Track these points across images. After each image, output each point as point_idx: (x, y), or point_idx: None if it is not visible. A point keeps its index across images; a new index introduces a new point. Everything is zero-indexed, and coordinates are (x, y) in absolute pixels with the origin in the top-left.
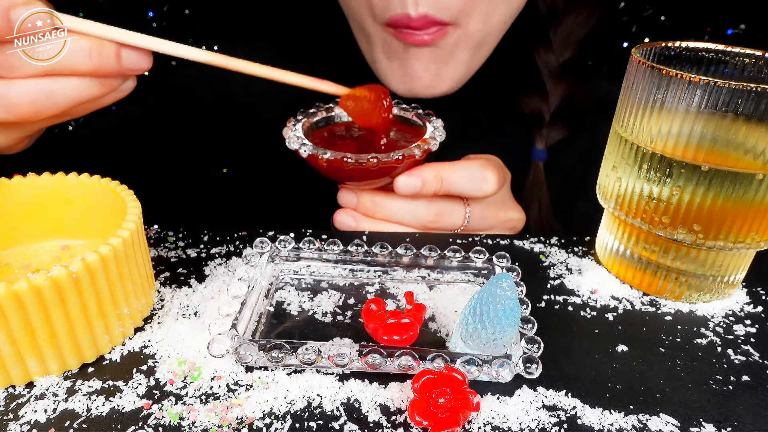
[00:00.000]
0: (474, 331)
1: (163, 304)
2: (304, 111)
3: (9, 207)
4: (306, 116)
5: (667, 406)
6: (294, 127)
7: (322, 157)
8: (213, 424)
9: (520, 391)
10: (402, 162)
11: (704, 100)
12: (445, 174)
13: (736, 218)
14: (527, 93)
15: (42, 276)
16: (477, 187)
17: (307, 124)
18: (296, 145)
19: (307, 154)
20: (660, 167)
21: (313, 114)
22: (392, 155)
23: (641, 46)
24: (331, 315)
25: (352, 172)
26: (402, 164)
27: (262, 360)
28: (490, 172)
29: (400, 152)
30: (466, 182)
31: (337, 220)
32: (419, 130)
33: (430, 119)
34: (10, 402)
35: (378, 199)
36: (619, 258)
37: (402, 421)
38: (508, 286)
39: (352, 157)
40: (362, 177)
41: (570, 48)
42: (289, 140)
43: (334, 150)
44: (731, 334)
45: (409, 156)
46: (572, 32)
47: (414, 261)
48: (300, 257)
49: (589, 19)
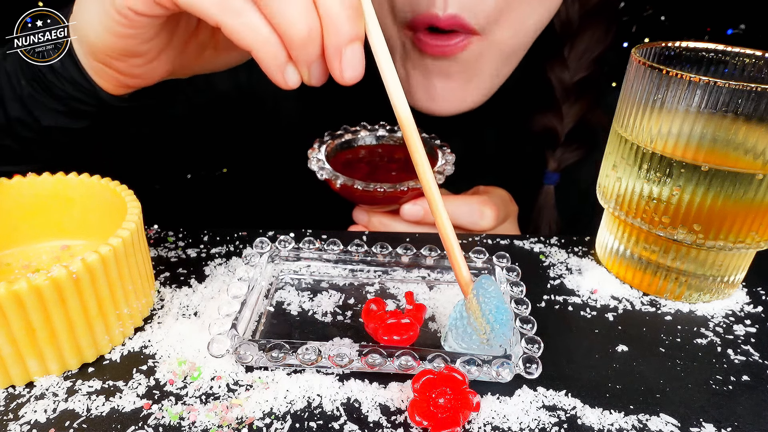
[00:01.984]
0: (465, 334)
1: (163, 304)
2: (331, 132)
3: (9, 207)
4: (332, 138)
5: (667, 406)
6: (318, 150)
7: (335, 182)
8: (213, 424)
9: (520, 391)
10: (407, 193)
11: (704, 100)
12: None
13: (736, 218)
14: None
15: (42, 276)
16: (474, 222)
17: (331, 146)
18: (315, 168)
19: (324, 178)
20: (660, 167)
21: (339, 136)
22: (398, 186)
23: (641, 46)
24: (331, 315)
25: (362, 197)
26: (407, 195)
27: (262, 360)
28: (489, 208)
29: (405, 184)
30: (464, 216)
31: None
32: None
33: (444, 151)
34: (10, 402)
35: (386, 221)
36: (619, 258)
37: (402, 421)
38: (492, 286)
39: (361, 184)
40: (371, 202)
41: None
42: (310, 162)
43: (350, 173)
44: (731, 334)
45: (413, 188)
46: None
47: (414, 261)
48: (300, 257)
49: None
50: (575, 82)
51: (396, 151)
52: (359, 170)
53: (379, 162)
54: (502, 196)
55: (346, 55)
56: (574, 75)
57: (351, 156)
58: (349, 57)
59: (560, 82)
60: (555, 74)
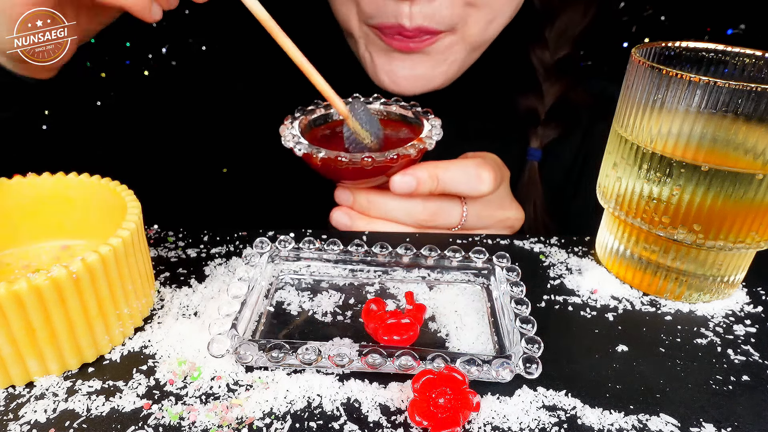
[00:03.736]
0: (356, 141)
1: (163, 304)
2: (302, 108)
3: (9, 207)
4: (304, 114)
5: (667, 406)
6: (291, 125)
7: (316, 156)
8: (213, 424)
9: (520, 391)
10: (397, 161)
11: (704, 100)
12: (441, 173)
13: (736, 218)
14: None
15: (42, 276)
16: (473, 186)
17: (304, 122)
18: (291, 144)
19: (302, 153)
20: (660, 167)
21: (311, 111)
22: (387, 154)
23: (641, 46)
24: (331, 315)
25: (347, 170)
26: (397, 163)
27: (262, 360)
28: (486, 171)
29: (395, 151)
30: (461, 182)
31: (333, 218)
32: (416, 129)
33: (428, 117)
34: (10, 402)
35: (373, 197)
36: (619, 258)
37: (402, 421)
38: (361, 108)
39: (346, 156)
40: (357, 176)
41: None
42: (284, 138)
43: (330, 149)
44: (731, 334)
45: (404, 155)
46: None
47: (414, 261)
48: (300, 257)
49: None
50: (555, 62)
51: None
52: (338, 145)
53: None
54: (495, 158)
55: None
56: (554, 54)
57: (328, 132)
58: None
59: (541, 62)
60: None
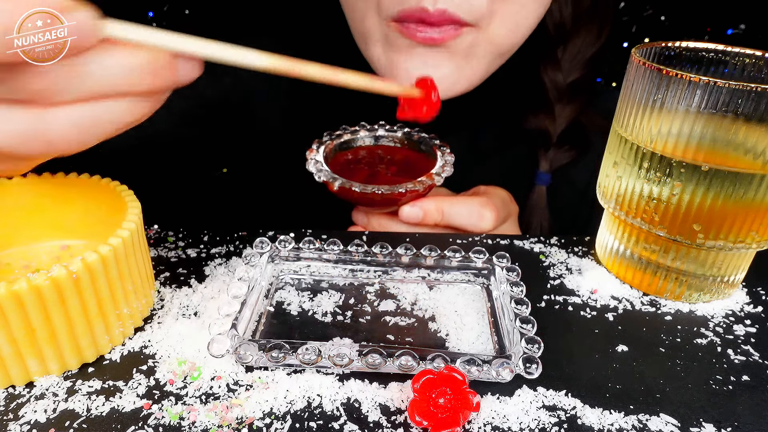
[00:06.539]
0: None
1: (163, 304)
2: (330, 133)
3: (9, 207)
4: (331, 138)
5: (667, 406)
6: (317, 151)
7: (333, 183)
8: (213, 424)
9: (520, 391)
10: (405, 195)
11: (704, 100)
12: (446, 208)
13: (736, 218)
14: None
15: (42, 276)
16: (474, 223)
17: (330, 146)
18: (314, 169)
19: (321, 180)
20: (660, 167)
21: (339, 136)
22: (396, 189)
23: (641, 46)
24: (331, 315)
25: (360, 199)
26: (405, 197)
27: (262, 360)
28: (489, 210)
29: (404, 186)
30: (464, 218)
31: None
32: (429, 161)
33: (443, 152)
34: (10, 402)
35: (385, 222)
36: (619, 258)
37: (402, 421)
38: None
39: (359, 187)
40: (369, 204)
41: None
42: (308, 163)
43: (350, 174)
44: (731, 334)
45: (411, 190)
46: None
47: (414, 261)
48: (300, 257)
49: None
50: (568, 84)
51: (396, 153)
52: (358, 171)
53: (378, 163)
54: (503, 196)
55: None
56: (567, 76)
57: (351, 157)
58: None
59: (553, 84)
60: (548, 75)
